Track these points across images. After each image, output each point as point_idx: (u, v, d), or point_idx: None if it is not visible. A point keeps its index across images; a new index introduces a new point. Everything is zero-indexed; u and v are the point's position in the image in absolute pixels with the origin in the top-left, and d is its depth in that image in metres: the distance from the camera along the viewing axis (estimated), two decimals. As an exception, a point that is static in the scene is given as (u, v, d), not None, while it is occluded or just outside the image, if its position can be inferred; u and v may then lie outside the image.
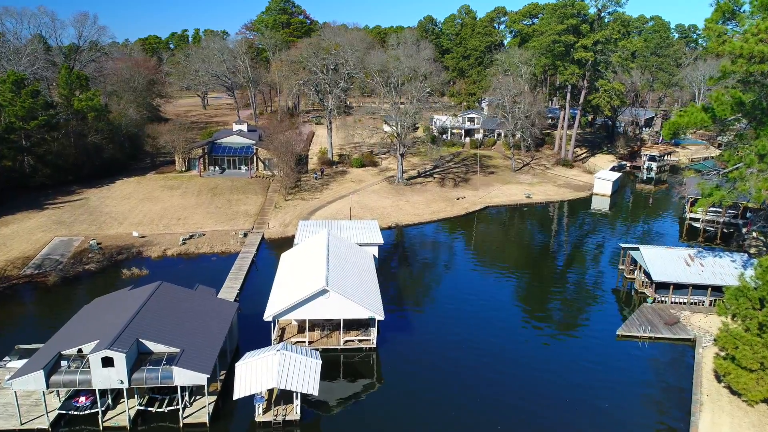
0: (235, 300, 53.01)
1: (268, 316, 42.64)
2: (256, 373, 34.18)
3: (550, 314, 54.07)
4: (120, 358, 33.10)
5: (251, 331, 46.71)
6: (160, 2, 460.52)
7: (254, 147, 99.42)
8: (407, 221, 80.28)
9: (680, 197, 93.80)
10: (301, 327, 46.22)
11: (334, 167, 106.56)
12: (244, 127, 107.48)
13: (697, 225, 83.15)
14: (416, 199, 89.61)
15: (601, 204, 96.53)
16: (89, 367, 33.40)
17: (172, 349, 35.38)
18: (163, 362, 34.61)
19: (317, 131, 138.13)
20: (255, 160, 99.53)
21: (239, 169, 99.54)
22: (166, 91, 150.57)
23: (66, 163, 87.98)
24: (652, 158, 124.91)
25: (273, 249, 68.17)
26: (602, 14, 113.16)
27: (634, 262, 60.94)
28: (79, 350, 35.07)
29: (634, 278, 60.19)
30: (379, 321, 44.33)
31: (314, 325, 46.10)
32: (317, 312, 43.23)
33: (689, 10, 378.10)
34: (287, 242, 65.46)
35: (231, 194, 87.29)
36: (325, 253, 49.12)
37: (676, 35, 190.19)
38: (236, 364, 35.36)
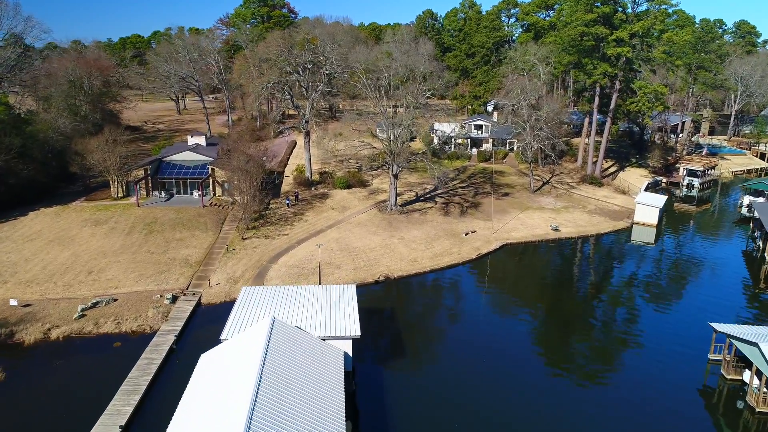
0: (118, 440, 32.95)
1: None
2: None
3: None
4: None
5: None
6: (151, 2, 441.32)
7: (209, 166, 79.15)
8: (401, 271, 59.90)
9: (749, 227, 74.01)
10: None
11: (312, 189, 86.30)
12: (201, 141, 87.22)
13: (778, 269, 63.57)
14: (413, 235, 69.34)
15: (644, 236, 76.65)
16: None
17: None
18: None
19: (299, 140, 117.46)
20: (211, 182, 79.28)
21: (191, 194, 79.08)
22: (123, 94, 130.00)
23: (-40, 190, 68.03)
24: (693, 173, 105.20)
25: (209, 323, 47.50)
26: (639, 0, 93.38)
27: (737, 352, 40.83)
28: None
29: (742, 381, 40.04)
30: None
31: None
32: None
33: (705, 6, 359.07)
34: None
35: (172, 231, 66.94)
36: (257, 373, 28.95)
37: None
38: None
